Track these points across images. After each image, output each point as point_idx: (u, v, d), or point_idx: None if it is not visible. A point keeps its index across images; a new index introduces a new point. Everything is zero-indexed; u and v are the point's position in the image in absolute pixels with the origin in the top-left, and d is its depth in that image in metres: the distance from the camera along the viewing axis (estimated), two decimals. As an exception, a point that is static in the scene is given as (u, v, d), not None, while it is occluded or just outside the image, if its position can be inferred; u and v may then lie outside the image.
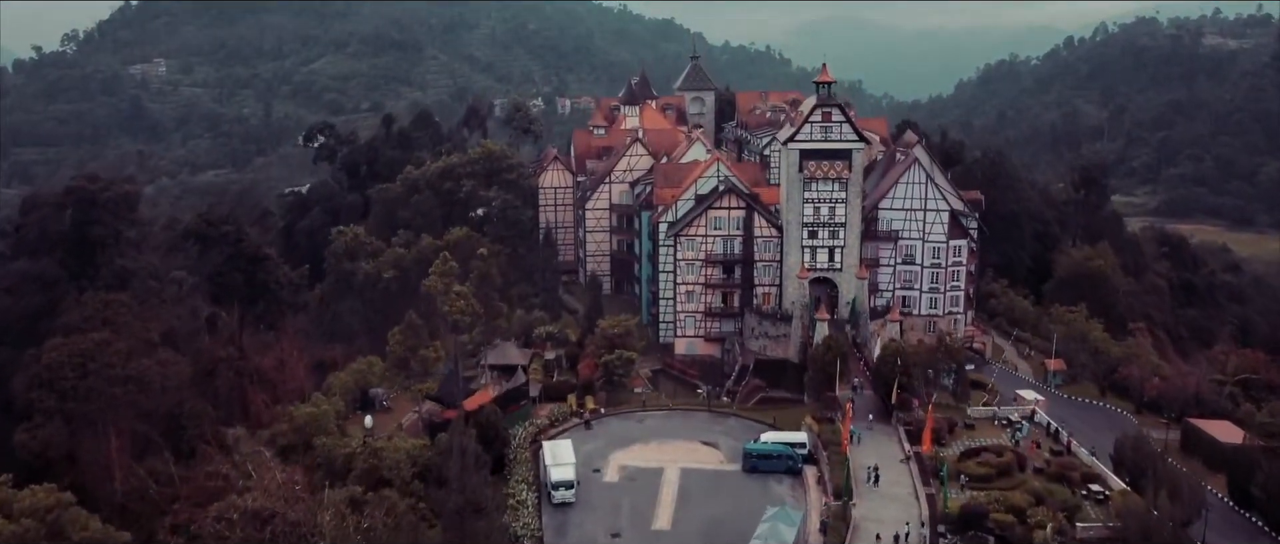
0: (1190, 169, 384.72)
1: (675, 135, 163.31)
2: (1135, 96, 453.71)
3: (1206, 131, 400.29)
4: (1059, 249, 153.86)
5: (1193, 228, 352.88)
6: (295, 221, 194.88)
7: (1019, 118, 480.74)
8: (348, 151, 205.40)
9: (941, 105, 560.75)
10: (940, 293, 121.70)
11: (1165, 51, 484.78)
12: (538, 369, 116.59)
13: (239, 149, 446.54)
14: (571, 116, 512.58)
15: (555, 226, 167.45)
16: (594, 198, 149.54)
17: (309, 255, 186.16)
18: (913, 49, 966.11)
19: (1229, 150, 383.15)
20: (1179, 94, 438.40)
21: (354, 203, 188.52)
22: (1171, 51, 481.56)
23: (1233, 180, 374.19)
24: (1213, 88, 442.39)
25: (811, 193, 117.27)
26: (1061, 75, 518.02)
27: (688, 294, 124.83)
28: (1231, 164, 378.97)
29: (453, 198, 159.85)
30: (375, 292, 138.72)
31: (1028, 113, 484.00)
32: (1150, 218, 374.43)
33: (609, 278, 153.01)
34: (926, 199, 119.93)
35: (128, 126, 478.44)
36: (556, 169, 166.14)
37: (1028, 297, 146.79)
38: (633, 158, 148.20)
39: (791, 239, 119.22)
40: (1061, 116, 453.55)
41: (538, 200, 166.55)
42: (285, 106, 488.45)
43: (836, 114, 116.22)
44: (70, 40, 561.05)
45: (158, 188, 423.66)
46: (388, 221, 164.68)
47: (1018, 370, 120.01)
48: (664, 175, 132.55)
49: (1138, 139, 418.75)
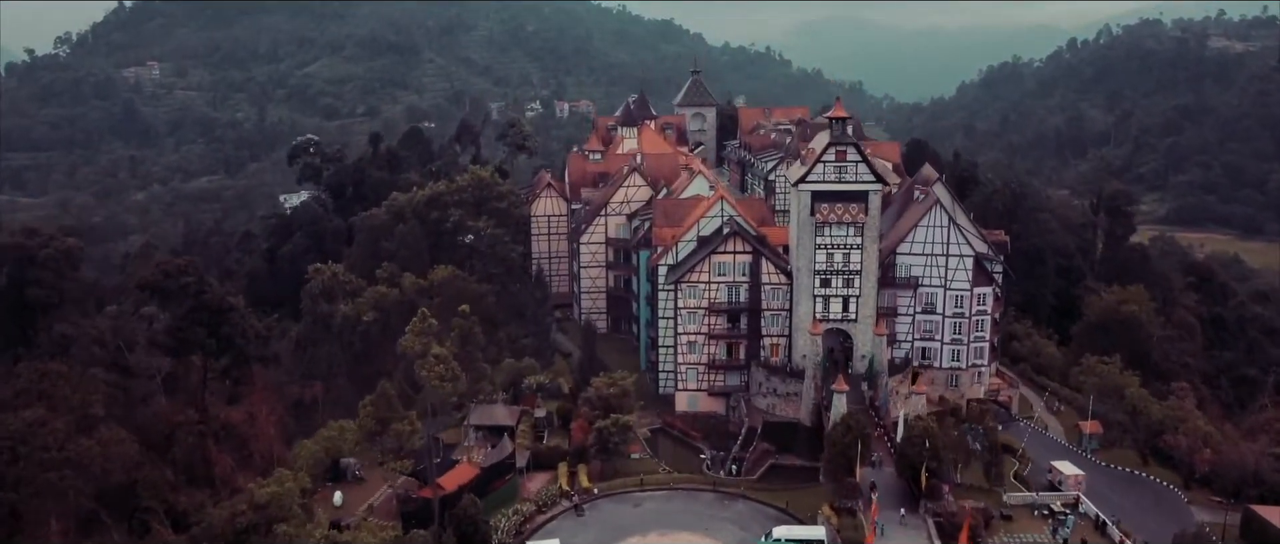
0: (1199, 176, 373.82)
1: (675, 160, 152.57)
2: (1141, 101, 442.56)
3: (1215, 138, 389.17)
4: (1084, 284, 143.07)
5: (1202, 237, 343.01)
6: (278, 245, 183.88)
7: (1022, 121, 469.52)
8: (334, 171, 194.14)
9: (943, 108, 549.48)
10: (963, 345, 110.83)
11: (1170, 54, 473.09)
12: (527, 430, 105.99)
13: (232, 155, 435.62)
14: (570, 120, 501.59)
15: (548, 256, 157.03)
16: (589, 231, 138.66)
17: (291, 281, 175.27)
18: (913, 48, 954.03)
19: (1238, 157, 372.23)
20: (1185, 98, 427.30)
21: (338, 228, 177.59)
22: (1177, 54, 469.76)
23: (1242, 188, 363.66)
24: (1219, 92, 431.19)
25: (824, 238, 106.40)
26: (1065, 78, 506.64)
27: (690, 345, 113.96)
28: (1241, 171, 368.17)
29: (440, 227, 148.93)
30: (355, 335, 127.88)
31: (1031, 116, 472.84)
32: (1159, 226, 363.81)
33: (605, 316, 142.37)
34: (949, 243, 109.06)
35: (120, 131, 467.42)
36: (550, 196, 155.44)
37: (1052, 336, 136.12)
38: (630, 189, 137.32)
39: (802, 287, 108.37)
40: (1066, 121, 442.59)
41: (530, 228, 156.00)
42: (280, 110, 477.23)
43: (852, 153, 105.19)
44: (63, 43, 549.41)
45: (149, 195, 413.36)
46: (372, 251, 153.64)
47: (1048, 429, 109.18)
48: (664, 212, 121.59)
49: (1145, 145, 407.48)
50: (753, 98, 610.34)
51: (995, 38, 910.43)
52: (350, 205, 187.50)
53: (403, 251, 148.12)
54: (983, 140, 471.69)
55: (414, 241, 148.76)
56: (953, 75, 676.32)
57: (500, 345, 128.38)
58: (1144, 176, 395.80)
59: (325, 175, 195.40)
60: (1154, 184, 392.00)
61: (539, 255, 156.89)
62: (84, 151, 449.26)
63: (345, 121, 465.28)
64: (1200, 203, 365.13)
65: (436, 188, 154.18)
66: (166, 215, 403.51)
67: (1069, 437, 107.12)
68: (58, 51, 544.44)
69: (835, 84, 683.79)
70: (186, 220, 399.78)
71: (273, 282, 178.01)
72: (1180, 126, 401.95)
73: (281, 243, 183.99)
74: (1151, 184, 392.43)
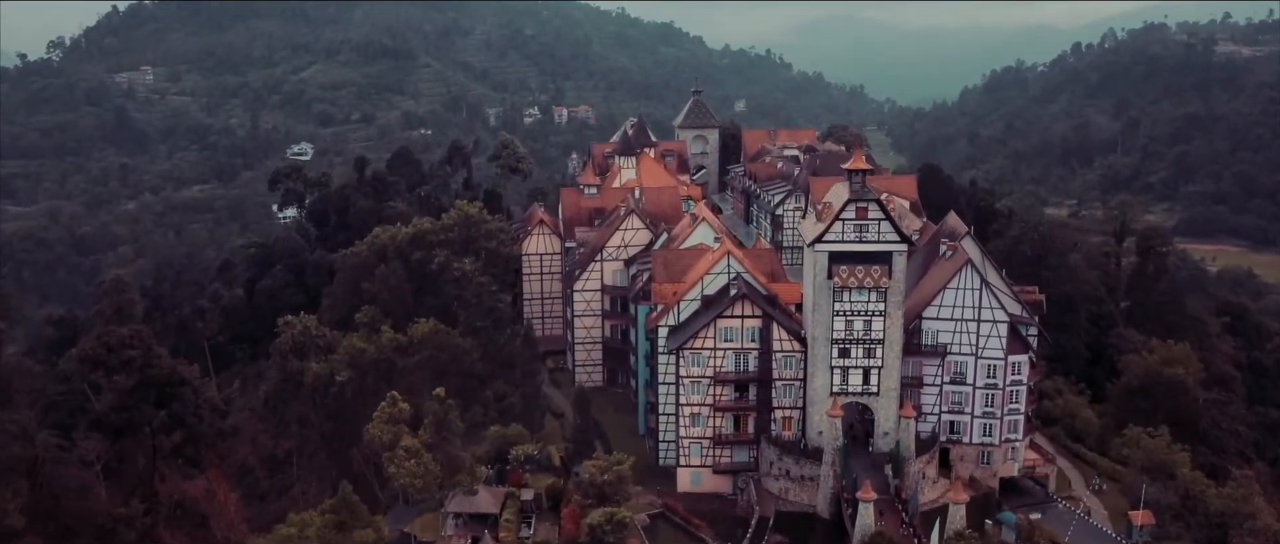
0: (1210, 187, 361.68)
1: (676, 195, 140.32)
2: (1148, 108, 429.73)
3: (1225, 147, 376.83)
4: (1117, 333, 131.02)
5: (1214, 249, 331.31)
6: (258, 276, 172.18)
7: (1028, 128, 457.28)
8: (317, 197, 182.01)
9: (946, 114, 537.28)
10: (996, 418, 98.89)
11: (1177, 60, 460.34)
12: (512, 519, 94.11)
13: (225, 163, 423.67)
14: (568, 127, 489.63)
15: (541, 297, 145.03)
16: (583, 278, 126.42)
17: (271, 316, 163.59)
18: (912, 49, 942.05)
19: (1250, 167, 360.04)
20: (1194, 105, 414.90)
21: (320, 261, 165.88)
22: (1184, 60, 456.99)
23: (1254, 198, 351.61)
24: (1228, 99, 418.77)
25: (843, 303, 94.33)
26: (1070, 83, 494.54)
27: (693, 417, 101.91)
28: (1253, 181, 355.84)
29: (424, 268, 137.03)
30: (328, 395, 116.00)
31: (1037, 123, 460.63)
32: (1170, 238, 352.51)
33: (600, 368, 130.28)
34: (980, 307, 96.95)
35: (112, 137, 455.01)
36: (542, 234, 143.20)
37: (1085, 391, 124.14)
38: (628, 232, 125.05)
39: (818, 357, 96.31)
40: (1072, 128, 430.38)
41: (521, 267, 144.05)
42: (274, 117, 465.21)
43: (873, 210, 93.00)
44: (56, 47, 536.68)
45: (140, 204, 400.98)
46: (352, 292, 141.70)
47: (1091, 515, 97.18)
48: (664, 265, 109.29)
49: (1153, 153, 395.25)
50: (753, 102, 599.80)
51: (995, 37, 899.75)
52: (334, 234, 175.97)
53: (384, 294, 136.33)
54: (987, 147, 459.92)
55: (397, 284, 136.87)
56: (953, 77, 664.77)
57: (485, 405, 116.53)
58: (1153, 186, 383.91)
59: (308, 201, 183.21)
60: (1163, 194, 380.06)
61: (531, 296, 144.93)
62: (75, 159, 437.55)
63: (340, 128, 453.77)
64: (1211, 213, 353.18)
65: (421, 225, 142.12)
66: (157, 226, 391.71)
67: (1115, 524, 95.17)
68: (51, 56, 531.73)
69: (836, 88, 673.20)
70: (177, 231, 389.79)
71: (252, 316, 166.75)
72: (1189, 135, 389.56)
73: (261, 274, 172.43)
74: (1160, 194, 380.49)
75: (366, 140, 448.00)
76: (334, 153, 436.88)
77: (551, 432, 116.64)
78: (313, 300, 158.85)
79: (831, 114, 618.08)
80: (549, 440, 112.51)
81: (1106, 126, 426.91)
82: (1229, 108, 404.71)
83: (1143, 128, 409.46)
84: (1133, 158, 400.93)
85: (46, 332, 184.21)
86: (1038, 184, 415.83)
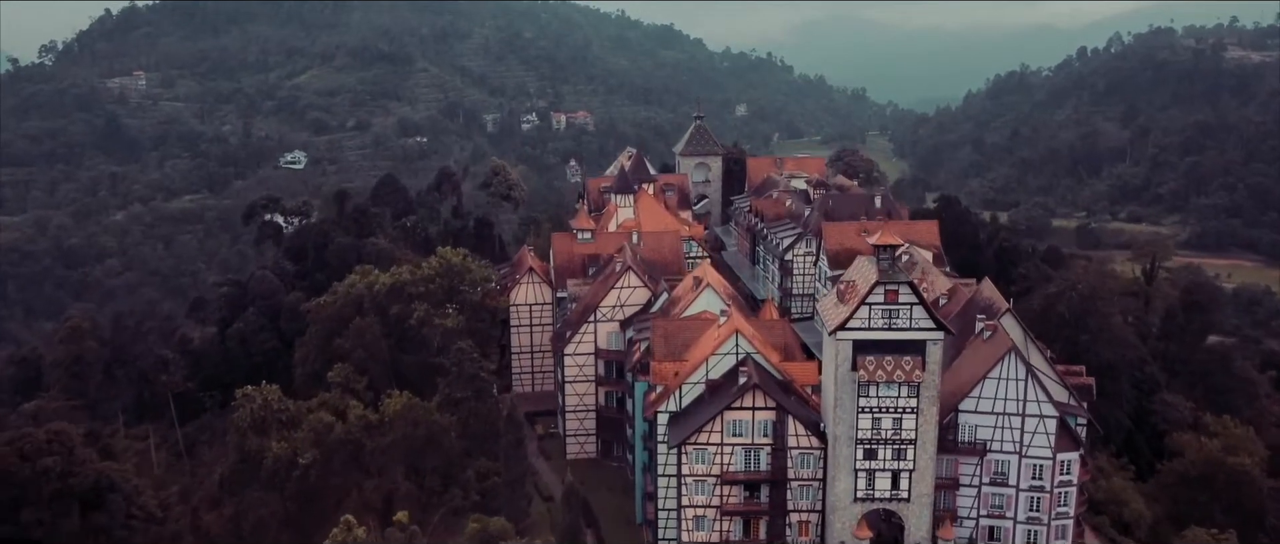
0: (1224, 199, 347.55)
1: (677, 241, 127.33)
2: (1157, 116, 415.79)
3: (1238, 157, 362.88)
4: (1161, 398, 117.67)
5: (1228, 264, 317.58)
6: (231, 318, 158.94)
7: (1034, 136, 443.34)
8: (295, 232, 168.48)
9: (950, 119, 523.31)
10: (1043, 523, 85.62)
11: (1186, 66, 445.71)
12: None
13: (216, 172, 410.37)
14: (567, 133, 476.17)
15: (531, 350, 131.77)
16: (575, 341, 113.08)
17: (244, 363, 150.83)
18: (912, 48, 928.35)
19: (1264, 179, 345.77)
20: (1203, 112, 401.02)
21: (295, 303, 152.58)
22: (1193, 66, 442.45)
23: (1269, 211, 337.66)
24: (1238, 106, 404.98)
25: (869, 398, 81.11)
26: (1076, 88, 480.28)
27: (697, 519, 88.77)
28: (1268, 193, 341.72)
29: (402, 323, 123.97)
30: (290, 478, 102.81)
31: (1043, 130, 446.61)
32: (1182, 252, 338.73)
33: (594, 438, 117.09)
34: (1025, 399, 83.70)
35: (103, 145, 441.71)
36: (532, 283, 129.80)
37: (1128, 465, 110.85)
38: (624, 291, 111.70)
39: (841, 459, 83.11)
40: (1080, 137, 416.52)
41: (510, 319, 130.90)
42: (268, 124, 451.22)
43: (905, 292, 79.66)
44: (48, 52, 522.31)
45: (129, 215, 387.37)
46: (326, 345, 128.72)
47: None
48: (664, 338, 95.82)
49: (1164, 163, 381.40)
50: (754, 107, 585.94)
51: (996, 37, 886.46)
52: (312, 271, 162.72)
53: (359, 351, 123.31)
54: (992, 155, 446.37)
55: (372, 341, 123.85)
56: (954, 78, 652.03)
57: (466, 488, 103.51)
58: (1163, 197, 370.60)
59: (285, 236, 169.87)
60: (1174, 205, 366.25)
61: (519, 348, 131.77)
62: (65, 167, 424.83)
63: (334, 136, 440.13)
64: (1224, 227, 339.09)
65: (399, 274, 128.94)
66: (146, 238, 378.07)
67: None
68: (43, 60, 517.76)
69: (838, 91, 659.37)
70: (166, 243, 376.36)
71: (223, 360, 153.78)
72: (1201, 145, 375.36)
73: (234, 315, 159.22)
74: (1171, 205, 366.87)
75: (361, 148, 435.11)
76: (328, 161, 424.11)
77: (539, 519, 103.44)
78: (288, 345, 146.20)
79: (833, 118, 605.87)
80: (536, 531, 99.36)
81: (1115, 135, 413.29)
82: (1240, 116, 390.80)
83: (1152, 137, 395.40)
84: (1142, 168, 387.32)
85: (8, 371, 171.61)
86: (1045, 194, 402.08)
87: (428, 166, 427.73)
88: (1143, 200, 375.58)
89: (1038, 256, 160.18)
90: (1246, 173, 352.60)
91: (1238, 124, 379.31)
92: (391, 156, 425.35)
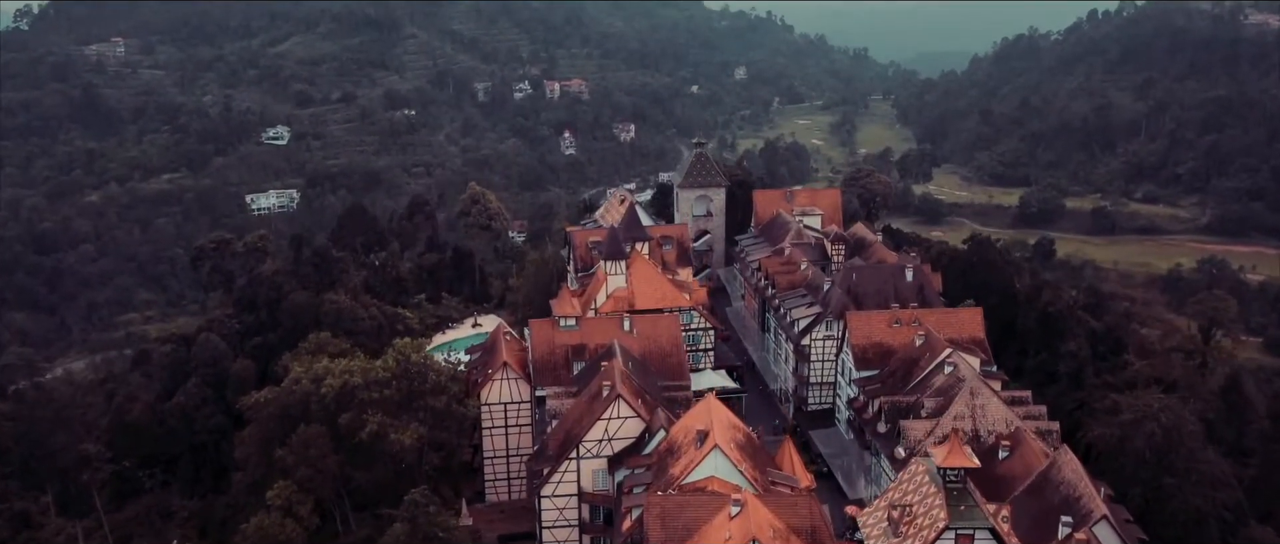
0: (1245, 181, 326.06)
1: (675, 327, 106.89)
2: (1174, 88, 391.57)
3: (1261, 136, 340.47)
4: (1247, 534, 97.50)
5: (1250, 251, 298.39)
6: (174, 386, 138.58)
7: (1044, 106, 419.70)
8: (247, 283, 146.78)
9: (956, 85, 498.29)
10: None
11: (1204, 33, 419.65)
12: None
13: (196, 149, 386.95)
14: (561, 102, 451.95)
15: (506, 455, 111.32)
16: (555, 479, 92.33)
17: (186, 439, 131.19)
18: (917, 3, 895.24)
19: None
20: (1222, 84, 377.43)
21: (243, 373, 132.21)
22: (1211, 34, 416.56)
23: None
24: (1259, 78, 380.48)
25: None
26: (1087, 55, 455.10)
27: None
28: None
29: (353, 436, 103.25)
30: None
31: (1053, 100, 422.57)
32: (1199, 237, 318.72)
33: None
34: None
35: (80, 117, 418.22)
36: (506, 380, 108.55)
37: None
38: (612, 422, 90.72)
39: None
40: (1093, 110, 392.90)
41: (481, 420, 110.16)
42: (250, 95, 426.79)
43: (983, 536, 59.04)
44: (23, 16, 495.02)
45: (105, 195, 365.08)
46: (264, 453, 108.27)
47: None
48: (660, 518, 74.83)
49: (1182, 140, 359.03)
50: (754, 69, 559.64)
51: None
52: (265, 329, 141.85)
53: (302, 470, 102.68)
54: (1001, 126, 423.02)
55: (318, 456, 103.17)
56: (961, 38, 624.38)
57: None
58: (1181, 177, 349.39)
59: (237, 286, 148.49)
60: (1192, 186, 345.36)
61: (492, 452, 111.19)
62: (41, 140, 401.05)
63: (319, 109, 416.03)
64: (1245, 211, 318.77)
65: (350, 374, 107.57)
66: (122, 220, 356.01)
67: None
68: (18, 25, 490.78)
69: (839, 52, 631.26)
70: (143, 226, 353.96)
71: (166, 438, 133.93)
72: (1221, 122, 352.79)
73: (177, 383, 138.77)
74: (1189, 186, 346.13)
75: (346, 122, 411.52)
76: (312, 137, 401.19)
77: None
78: (235, 421, 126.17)
79: (835, 81, 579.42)
80: None
81: (1130, 108, 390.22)
82: (1260, 90, 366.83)
83: (1170, 111, 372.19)
84: (1159, 145, 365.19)
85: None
86: (1056, 170, 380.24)
87: (416, 142, 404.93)
88: (1160, 180, 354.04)
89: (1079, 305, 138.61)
90: (1270, 153, 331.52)
91: (1259, 99, 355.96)
92: (378, 131, 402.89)
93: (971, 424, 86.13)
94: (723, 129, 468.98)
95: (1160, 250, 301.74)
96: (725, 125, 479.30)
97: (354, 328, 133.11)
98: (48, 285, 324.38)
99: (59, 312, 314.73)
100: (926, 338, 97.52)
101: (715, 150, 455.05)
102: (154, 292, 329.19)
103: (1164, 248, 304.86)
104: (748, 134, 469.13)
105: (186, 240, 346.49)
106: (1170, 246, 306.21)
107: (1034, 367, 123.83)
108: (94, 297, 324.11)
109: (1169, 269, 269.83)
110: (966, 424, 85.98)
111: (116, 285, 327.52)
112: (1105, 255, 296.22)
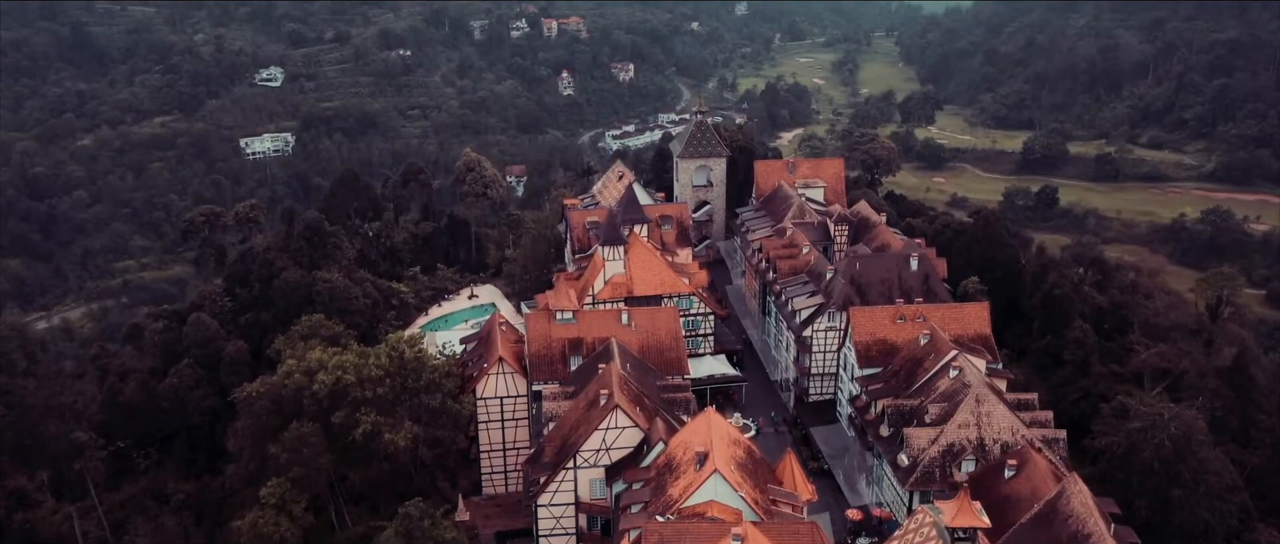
0: (1253, 128, 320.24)
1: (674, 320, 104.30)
2: (1183, 29, 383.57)
3: (1271, 81, 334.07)
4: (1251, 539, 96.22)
5: (1256, 200, 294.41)
6: (166, 365, 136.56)
7: (1051, 47, 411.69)
8: (238, 257, 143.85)
9: (961, 23, 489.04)
10: None
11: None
12: None
13: (188, 91, 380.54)
14: (558, 41, 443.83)
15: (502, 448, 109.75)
16: (552, 488, 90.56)
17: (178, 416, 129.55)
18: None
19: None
20: (1234, 27, 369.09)
21: (236, 355, 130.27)
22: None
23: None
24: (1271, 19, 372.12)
25: None
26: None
27: None
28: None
29: (346, 435, 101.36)
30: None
31: (1060, 40, 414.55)
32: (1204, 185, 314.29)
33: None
34: None
35: (70, 56, 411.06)
36: (501, 375, 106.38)
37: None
38: (610, 432, 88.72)
39: None
40: (1100, 51, 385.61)
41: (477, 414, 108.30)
42: (243, 33, 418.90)
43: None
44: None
45: (97, 139, 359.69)
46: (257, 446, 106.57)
47: None
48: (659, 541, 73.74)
49: (1189, 84, 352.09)
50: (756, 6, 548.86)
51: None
52: (257, 307, 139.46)
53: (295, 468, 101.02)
54: (1005, 68, 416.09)
55: (311, 456, 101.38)
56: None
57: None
58: (1187, 122, 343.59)
59: (228, 262, 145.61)
60: (1198, 131, 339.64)
61: (489, 446, 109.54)
62: (30, 82, 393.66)
63: (312, 50, 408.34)
64: (1252, 158, 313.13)
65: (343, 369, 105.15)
66: (115, 165, 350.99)
67: None
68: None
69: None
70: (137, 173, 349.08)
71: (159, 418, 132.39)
72: (1230, 66, 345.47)
73: (169, 361, 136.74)
74: (1195, 131, 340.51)
75: (340, 63, 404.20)
76: (305, 78, 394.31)
77: None
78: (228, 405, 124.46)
79: (838, 16, 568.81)
80: None
81: (1137, 49, 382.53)
82: (1272, 31, 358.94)
83: (1178, 53, 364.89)
84: (1166, 89, 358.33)
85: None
86: (1061, 113, 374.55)
87: (411, 83, 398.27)
88: (1165, 125, 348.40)
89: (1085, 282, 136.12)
90: (1279, 99, 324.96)
91: (1270, 41, 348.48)
92: (373, 72, 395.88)
93: (977, 433, 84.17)
94: (723, 67, 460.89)
95: (1164, 199, 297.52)
96: (726, 63, 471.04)
97: (347, 307, 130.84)
98: (42, 232, 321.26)
99: (55, 258, 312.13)
100: (932, 337, 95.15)
101: (715, 90, 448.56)
102: (149, 238, 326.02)
103: (1168, 196, 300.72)
104: (748, 73, 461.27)
105: (181, 185, 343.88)
106: (1175, 194, 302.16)
107: (1039, 349, 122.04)
108: (89, 243, 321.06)
109: (1172, 220, 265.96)
110: (971, 433, 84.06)
111: (111, 232, 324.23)
112: (1109, 204, 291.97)
